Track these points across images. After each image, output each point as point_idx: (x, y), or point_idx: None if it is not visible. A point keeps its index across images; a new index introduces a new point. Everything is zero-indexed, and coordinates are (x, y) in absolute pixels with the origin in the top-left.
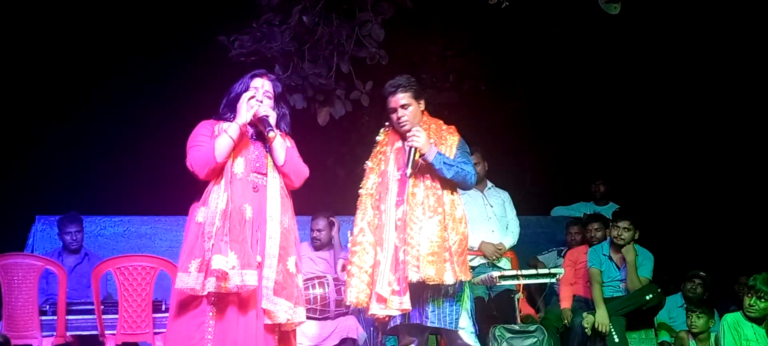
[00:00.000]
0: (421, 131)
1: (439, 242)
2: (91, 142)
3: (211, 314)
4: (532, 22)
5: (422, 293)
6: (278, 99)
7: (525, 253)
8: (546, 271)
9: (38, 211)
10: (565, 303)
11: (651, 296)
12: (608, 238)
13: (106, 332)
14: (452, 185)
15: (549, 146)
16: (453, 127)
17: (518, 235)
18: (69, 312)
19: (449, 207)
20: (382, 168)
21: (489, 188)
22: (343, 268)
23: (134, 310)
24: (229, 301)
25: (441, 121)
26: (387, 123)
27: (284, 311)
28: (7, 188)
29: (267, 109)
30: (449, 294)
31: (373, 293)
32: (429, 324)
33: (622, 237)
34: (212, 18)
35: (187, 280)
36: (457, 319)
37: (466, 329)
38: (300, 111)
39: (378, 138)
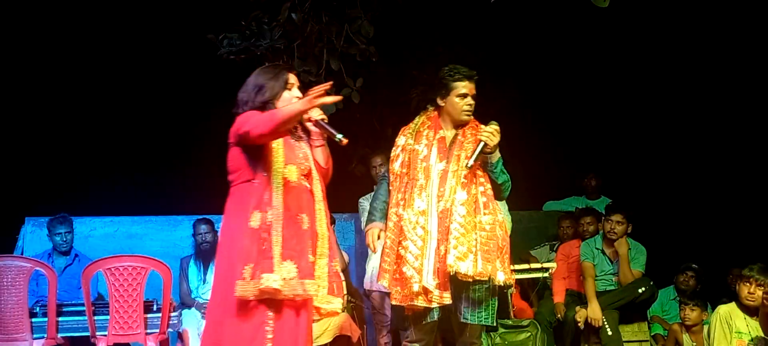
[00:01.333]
0: (499, 132)
1: (495, 239)
2: (80, 143)
3: (270, 314)
4: (523, 16)
5: (463, 288)
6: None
7: (517, 248)
8: (538, 265)
9: (28, 212)
10: (558, 297)
11: (644, 289)
12: (601, 232)
13: (98, 333)
14: (496, 189)
15: (540, 141)
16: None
17: (510, 230)
18: (59, 314)
19: (496, 209)
20: (425, 153)
21: None
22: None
23: (125, 311)
24: (285, 301)
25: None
26: (430, 106)
27: (334, 307)
28: None
29: (319, 111)
30: (489, 292)
31: (410, 284)
32: (463, 320)
33: (615, 231)
34: (201, 16)
35: (246, 288)
36: (493, 315)
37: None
38: None
39: (418, 119)
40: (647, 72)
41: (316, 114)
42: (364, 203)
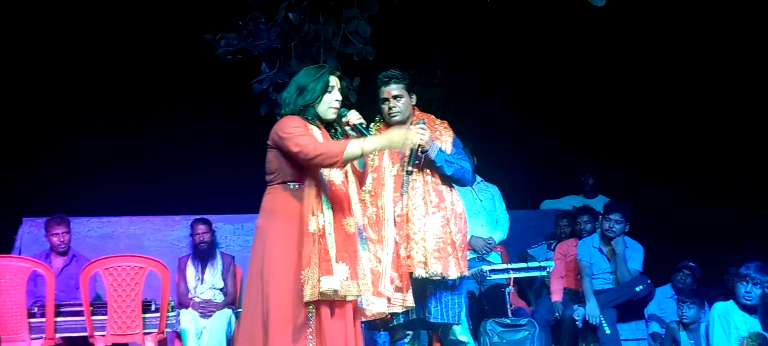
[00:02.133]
0: (427, 129)
1: (444, 237)
2: (77, 143)
3: (311, 316)
4: (519, 16)
5: (424, 288)
6: None
7: (515, 247)
8: (536, 264)
9: (25, 213)
10: (556, 296)
11: (641, 287)
12: (598, 230)
13: (96, 333)
14: (452, 181)
15: (537, 140)
16: (446, 122)
17: (508, 229)
18: (58, 314)
19: (450, 203)
20: (376, 163)
21: (478, 183)
22: None
23: (124, 311)
24: (326, 302)
25: (433, 116)
26: (378, 117)
27: (379, 306)
28: None
29: (358, 115)
30: (451, 289)
31: (374, 291)
32: (430, 320)
33: (614, 230)
34: (198, 16)
35: (305, 290)
36: (459, 312)
37: (461, 324)
38: None
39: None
40: (644, 71)
41: (355, 118)
42: None
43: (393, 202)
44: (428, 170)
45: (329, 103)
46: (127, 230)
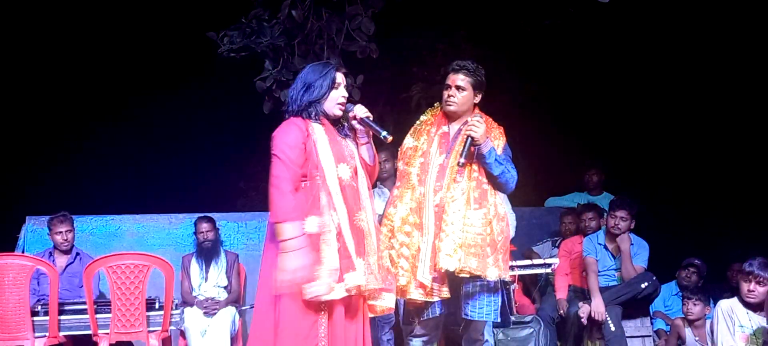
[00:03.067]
0: (483, 122)
1: (483, 235)
2: (81, 141)
3: (323, 313)
4: (523, 13)
5: (461, 284)
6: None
7: (519, 244)
8: (541, 261)
9: (28, 211)
10: (561, 293)
11: (646, 284)
12: (603, 227)
13: (100, 331)
14: (495, 183)
15: (542, 137)
16: (502, 128)
17: (514, 226)
18: (61, 312)
19: (493, 203)
20: (425, 148)
21: None
22: None
23: (127, 309)
24: (338, 301)
25: (492, 119)
26: (437, 103)
27: (389, 302)
28: None
29: (364, 109)
30: (489, 289)
31: (413, 278)
32: (463, 316)
33: (619, 227)
34: (202, 14)
35: (320, 289)
36: (495, 311)
37: (488, 323)
38: None
39: (423, 117)
40: (650, 68)
41: (362, 112)
42: None
43: (433, 191)
44: (476, 166)
45: (336, 100)
46: (130, 228)
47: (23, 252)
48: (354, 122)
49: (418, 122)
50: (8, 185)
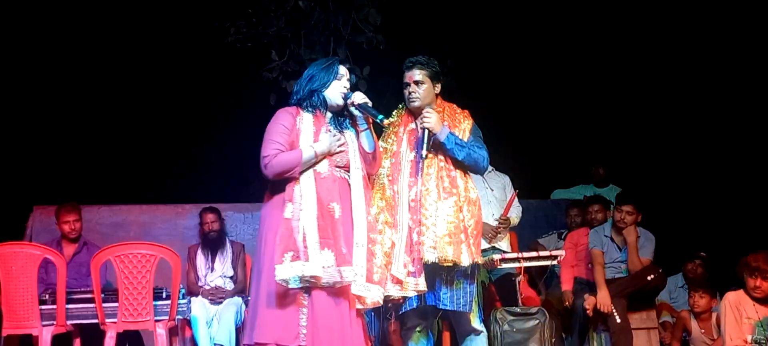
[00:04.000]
0: (433, 112)
1: (455, 222)
2: (88, 131)
3: (304, 302)
4: (530, 4)
5: (436, 275)
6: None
7: (525, 236)
8: (547, 253)
9: (36, 201)
10: (567, 285)
11: (652, 276)
12: (609, 219)
13: (107, 320)
14: (465, 167)
15: (548, 129)
16: (466, 111)
17: (520, 218)
18: (69, 301)
19: (463, 189)
20: (395, 149)
21: (489, 172)
22: None
23: (135, 298)
24: (320, 288)
25: (455, 106)
26: (401, 104)
27: (376, 295)
28: (5, 178)
29: (362, 95)
30: (464, 276)
31: (388, 274)
32: (441, 307)
33: (625, 221)
34: (209, 4)
35: (284, 271)
36: (471, 301)
37: (474, 312)
38: None
39: (390, 119)
40: (655, 60)
41: (359, 98)
42: None
43: (408, 186)
44: (442, 156)
45: (338, 89)
46: (137, 218)
47: (30, 241)
48: (352, 108)
49: (387, 127)
50: (16, 175)
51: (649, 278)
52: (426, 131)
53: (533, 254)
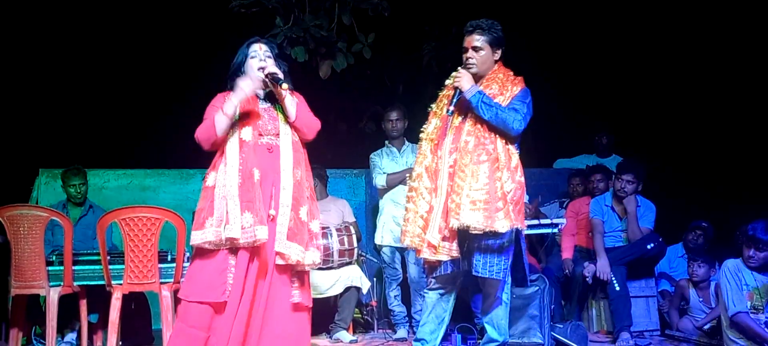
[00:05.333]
0: (466, 73)
1: (489, 188)
2: (94, 95)
3: (232, 262)
4: None
5: (472, 242)
6: (277, 59)
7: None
8: (548, 222)
9: (42, 164)
10: (567, 253)
11: (652, 245)
12: (611, 188)
13: (113, 282)
14: (496, 130)
15: (552, 99)
16: (520, 78)
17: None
18: (75, 262)
19: (504, 155)
20: (444, 113)
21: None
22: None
23: (140, 260)
24: (244, 248)
25: (510, 72)
26: (459, 67)
27: (295, 253)
28: (11, 141)
29: (273, 66)
30: (498, 244)
31: (417, 237)
32: (474, 273)
33: (625, 190)
34: None
35: (202, 235)
36: (505, 269)
37: (504, 281)
38: (301, 64)
39: (446, 82)
40: (658, 30)
41: (270, 68)
42: (375, 159)
43: (449, 152)
44: (480, 123)
45: (254, 68)
46: (142, 182)
47: (36, 204)
48: (266, 80)
49: (442, 89)
50: (22, 138)
51: (648, 246)
52: (457, 90)
53: (535, 221)
